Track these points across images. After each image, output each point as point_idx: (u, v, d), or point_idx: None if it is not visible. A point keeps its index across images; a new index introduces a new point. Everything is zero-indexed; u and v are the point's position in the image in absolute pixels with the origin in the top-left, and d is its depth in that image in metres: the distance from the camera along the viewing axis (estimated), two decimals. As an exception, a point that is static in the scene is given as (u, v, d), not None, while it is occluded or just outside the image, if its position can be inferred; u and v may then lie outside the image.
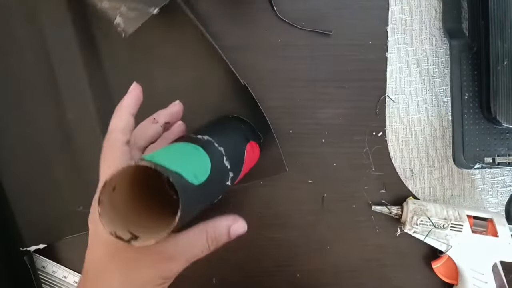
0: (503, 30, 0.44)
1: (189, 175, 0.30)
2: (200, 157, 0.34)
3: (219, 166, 0.36)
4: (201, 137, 0.38)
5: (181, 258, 0.33)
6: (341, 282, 0.52)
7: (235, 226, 0.35)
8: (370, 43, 0.50)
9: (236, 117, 0.49)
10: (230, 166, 0.38)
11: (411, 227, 0.48)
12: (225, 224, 0.34)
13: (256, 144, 0.47)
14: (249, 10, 0.50)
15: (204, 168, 0.33)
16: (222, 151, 0.37)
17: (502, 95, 0.44)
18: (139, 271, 0.32)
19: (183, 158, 0.32)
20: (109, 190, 0.29)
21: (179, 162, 0.31)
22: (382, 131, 0.51)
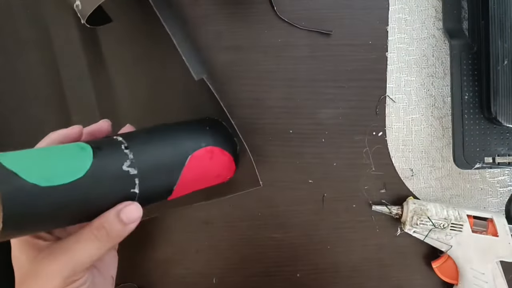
0: (503, 30, 0.44)
1: (33, 175, 0.28)
2: (74, 158, 0.31)
3: (110, 170, 0.33)
4: (114, 138, 0.36)
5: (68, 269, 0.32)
6: (341, 282, 0.52)
7: (125, 209, 0.33)
8: (370, 43, 0.50)
9: (209, 120, 0.47)
10: (138, 172, 0.35)
11: (411, 227, 0.48)
12: (112, 211, 0.33)
13: (223, 151, 0.44)
14: (249, 10, 0.50)
15: (72, 169, 0.31)
16: (128, 154, 0.35)
17: (502, 95, 0.44)
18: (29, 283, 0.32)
19: (41, 157, 0.30)
20: None
21: (27, 161, 0.29)
22: (382, 131, 0.51)
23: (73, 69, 0.50)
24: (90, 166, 0.31)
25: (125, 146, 0.35)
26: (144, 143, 0.37)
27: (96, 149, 0.33)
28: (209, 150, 0.42)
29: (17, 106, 0.51)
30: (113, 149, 0.34)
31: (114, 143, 0.35)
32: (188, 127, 0.43)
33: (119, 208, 0.33)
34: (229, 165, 0.45)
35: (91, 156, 0.32)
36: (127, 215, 0.33)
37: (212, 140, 0.43)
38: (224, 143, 0.44)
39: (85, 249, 0.32)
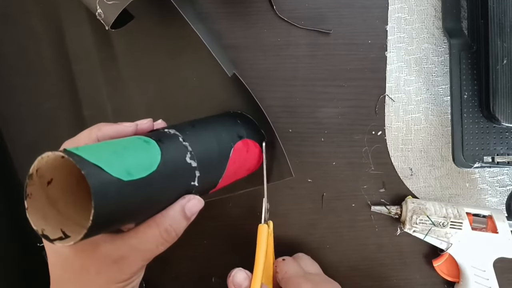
0: (502, 30, 0.44)
1: (116, 169, 0.27)
2: (146, 151, 0.31)
3: (176, 163, 0.33)
4: (167, 131, 0.35)
5: (133, 258, 0.31)
6: (341, 281, 0.52)
7: (189, 204, 0.33)
8: (369, 42, 0.50)
9: (236, 113, 0.48)
10: (198, 164, 0.35)
11: (410, 226, 0.48)
12: (178, 207, 0.32)
13: (254, 143, 0.44)
14: (249, 9, 0.50)
15: (147, 163, 0.30)
16: (187, 146, 0.34)
17: (501, 94, 0.44)
18: (89, 279, 0.31)
19: (117, 151, 0.29)
20: (41, 183, 0.27)
21: (107, 155, 0.28)
22: (381, 130, 0.51)
23: (85, 64, 0.50)
24: (160, 159, 0.31)
25: (182, 138, 0.35)
26: (194, 135, 0.36)
27: (159, 141, 0.32)
28: (245, 143, 0.42)
29: (29, 100, 0.51)
30: (173, 141, 0.34)
31: (171, 136, 0.35)
32: (223, 120, 0.44)
33: (183, 203, 0.32)
34: (259, 157, 0.45)
35: (158, 149, 0.32)
36: (191, 210, 0.33)
37: (246, 132, 0.43)
38: (255, 136, 0.45)
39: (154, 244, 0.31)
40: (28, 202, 0.27)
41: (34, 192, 0.27)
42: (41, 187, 0.28)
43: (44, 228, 0.27)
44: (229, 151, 0.40)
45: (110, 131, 0.34)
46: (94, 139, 0.33)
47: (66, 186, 0.28)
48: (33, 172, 0.27)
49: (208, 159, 0.37)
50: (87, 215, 0.25)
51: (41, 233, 0.27)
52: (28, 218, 0.27)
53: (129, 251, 0.31)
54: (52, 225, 0.27)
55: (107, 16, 0.40)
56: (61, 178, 0.28)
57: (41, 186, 0.28)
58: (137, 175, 0.28)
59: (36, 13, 0.50)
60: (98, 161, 0.26)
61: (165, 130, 0.36)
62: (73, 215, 0.29)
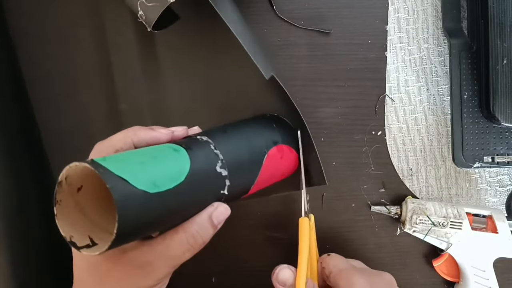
0: (502, 30, 0.44)
1: (142, 182, 0.27)
2: (175, 161, 0.31)
3: (206, 172, 0.33)
4: (199, 138, 0.35)
5: (159, 264, 0.31)
6: (341, 281, 0.52)
7: (216, 212, 0.32)
8: (369, 42, 0.50)
9: (272, 116, 0.46)
10: (228, 173, 0.34)
11: (410, 226, 0.48)
12: (205, 215, 0.32)
13: (290, 148, 0.43)
14: (249, 9, 0.50)
15: (175, 173, 0.30)
16: (218, 154, 0.34)
17: (501, 94, 0.44)
18: (113, 283, 0.30)
19: (144, 161, 0.29)
20: (70, 190, 0.27)
21: (133, 166, 0.28)
22: (381, 130, 0.51)
23: (124, 56, 0.50)
24: (189, 169, 0.31)
25: (214, 146, 0.34)
26: (226, 142, 0.36)
27: (189, 150, 0.32)
28: (279, 149, 0.41)
29: (66, 91, 0.51)
30: (204, 150, 0.33)
31: (202, 143, 0.34)
32: (257, 125, 0.43)
33: (210, 211, 0.32)
34: (295, 162, 0.44)
35: (188, 158, 0.31)
36: (218, 219, 0.33)
37: (281, 138, 0.42)
38: (291, 141, 0.44)
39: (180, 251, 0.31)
40: (58, 209, 0.27)
41: (63, 198, 0.27)
42: (71, 194, 0.28)
43: (73, 235, 0.27)
44: (262, 157, 0.39)
45: (146, 137, 0.33)
46: (129, 144, 0.33)
47: (95, 193, 0.28)
48: (62, 179, 0.27)
49: (240, 166, 0.36)
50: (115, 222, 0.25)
51: (69, 240, 0.27)
52: (57, 224, 0.27)
53: (155, 257, 0.30)
54: (80, 231, 0.27)
55: (148, 18, 0.40)
56: (91, 185, 0.28)
57: (71, 192, 0.28)
58: (164, 186, 0.28)
59: (81, 5, 0.50)
60: (123, 173, 0.26)
61: (197, 137, 0.35)
62: (102, 221, 0.29)
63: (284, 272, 0.37)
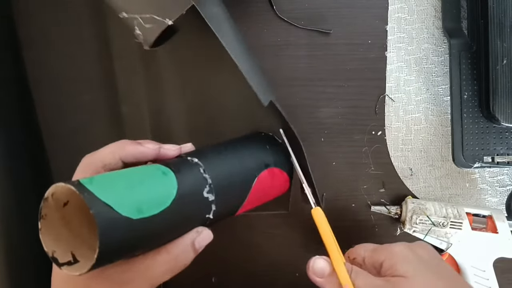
0: (502, 30, 0.44)
1: (127, 208, 0.27)
2: (162, 186, 0.30)
3: (192, 197, 0.33)
4: (189, 160, 0.35)
5: (138, 283, 0.31)
6: (341, 281, 0.52)
7: (199, 238, 0.33)
8: (369, 42, 0.50)
9: (267, 137, 0.46)
10: (215, 197, 0.34)
11: (410, 226, 0.48)
12: (188, 241, 0.32)
13: (281, 171, 0.43)
14: (249, 9, 0.50)
15: (161, 198, 0.30)
16: (207, 179, 0.34)
17: (501, 94, 0.44)
18: None
19: (131, 186, 0.29)
20: (56, 205, 0.27)
21: (119, 190, 0.28)
22: (381, 130, 0.51)
23: (126, 62, 0.50)
24: (176, 194, 0.31)
25: (203, 169, 0.34)
26: (216, 165, 0.36)
27: (177, 173, 0.32)
28: (271, 172, 0.41)
29: (68, 92, 0.51)
30: (193, 173, 0.33)
31: (192, 165, 0.34)
32: (251, 146, 0.42)
33: (193, 237, 0.33)
34: (285, 184, 0.44)
35: (175, 183, 0.31)
36: (200, 244, 0.33)
37: (273, 160, 0.42)
38: (283, 164, 0.43)
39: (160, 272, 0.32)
40: (42, 223, 0.27)
41: (48, 213, 0.27)
42: (56, 208, 0.28)
43: (55, 250, 0.27)
44: (252, 181, 0.39)
45: (134, 151, 0.34)
46: (117, 159, 0.33)
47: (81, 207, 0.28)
48: (49, 196, 0.27)
49: (228, 190, 0.36)
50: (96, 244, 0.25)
51: (51, 255, 0.27)
52: (41, 239, 0.27)
53: (136, 275, 0.31)
54: (63, 247, 0.27)
55: (145, 38, 0.39)
56: (76, 201, 0.28)
57: (56, 207, 0.28)
58: (149, 212, 0.28)
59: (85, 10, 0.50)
60: (108, 198, 0.26)
61: (188, 158, 0.35)
62: (86, 234, 0.29)
63: (319, 262, 0.37)
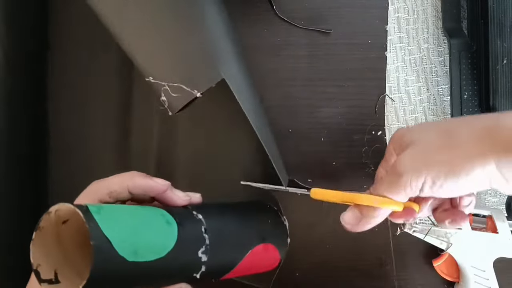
0: (502, 30, 0.44)
1: (125, 249, 0.27)
2: (163, 235, 0.30)
3: (187, 254, 0.32)
4: (194, 214, 0.35)
5: None
6: (341, 281, 0.52)
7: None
8: (369, 42, 0.50)
9: (271, 210, 0.45)
10: (208, 259, 0.33)
11: (410, 226, 0.48)
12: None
13: (275, 248, 0.42)
14: (249, 9, 0.50)
15: (159, 247, 0.30)
16: (206, 239, 0.33)
17: (501, 94, 0.44)
18: None
19: (135, 227, 0.29)
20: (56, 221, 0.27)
21: (123, 229, 0.28)
22: (381, 130, 0.51)
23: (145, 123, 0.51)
24: (173, 247, 0.30)
25: (205, 228, 0.34)
26: (218, 227, 0.36)
27: (180, 225, 0.32)
28: (266, 247, 0.41)
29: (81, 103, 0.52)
30: (194, 230, 0.33)
31: (195, 222, 0.34)
32: (255, 216, 0.42)
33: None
34: (274, 262, 0.44)
35: (176, 235, 0.31)
36: None
37: (271, 237, 0.42)
38: (279, 243, 0.43)
39: None
40: (37, 234, 0.27)
41: (46, 226, 0.27)
42: (55, 224, 0.28)
43: (40, 264, 0.27)
44: (246, 251, 0.38)
45: (143, 184, 0.34)
46: (124, 188, 0.33)
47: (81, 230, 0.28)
48: (52, 211, 0.27)
49: (222, 255, 0.36)
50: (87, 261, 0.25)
51: (35, 268, 0.27)
52: (31, 249, 0.27)
53: None
54: (49, 263, 0.27)
55: (170, 105, 0.38)
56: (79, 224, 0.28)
57: (56, 223, 0.28)
58: (143, 258, 0.28)
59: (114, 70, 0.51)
60: (111, 234, 0.26)
61: (193, 212, 0.35)
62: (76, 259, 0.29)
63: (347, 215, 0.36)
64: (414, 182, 0.31)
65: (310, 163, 0.51)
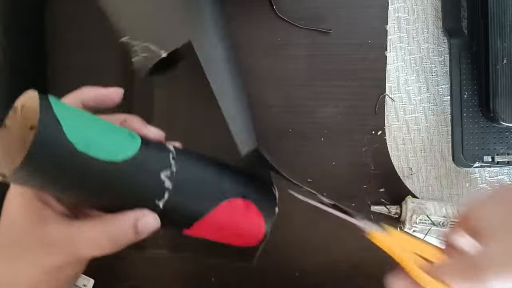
0: (502, 29, 0.44)
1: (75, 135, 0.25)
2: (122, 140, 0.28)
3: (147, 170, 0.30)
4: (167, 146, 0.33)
5: (66, 248, 0.29)
6: (341, 281, 0.52)
7: (143, 220, 0.29)
8: (369, 42, 0.50)
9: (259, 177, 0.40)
10: (173, 188, 0.31)
11: (410, 226, 0.48)
12: (130, 219, 0.29)
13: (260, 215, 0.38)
14: (249, 9, 0.50)
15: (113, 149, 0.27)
16: (172, 166, 0.31)
17: (501, 94, 0.44)
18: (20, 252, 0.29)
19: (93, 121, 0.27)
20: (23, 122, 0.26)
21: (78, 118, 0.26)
22: (381, 130, 0.51)
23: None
24: (131, 156, 0.28)
25: (173, 157, 0.32)
26: (190, 163, 0.33)
27: (145, 144, 0.30)
28: (246, 205, 0.37)
29: None
30: (161, 153, 0.31)
31: (164, 149, 0.32)
32: (237, 171, 0.38)
33: (137, 216, 0.29)
34: (258, 231, 0.38)
35: (137, 148, 0.29)
36: (143, 227, 0.29)
37: (254, 196, 0.37)
38: (265, 207, 0.38)
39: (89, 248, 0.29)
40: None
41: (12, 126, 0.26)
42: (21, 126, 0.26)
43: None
44: (220, 200, 0.34)
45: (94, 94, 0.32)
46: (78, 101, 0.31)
47: None
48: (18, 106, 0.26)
49: (189, 192, 0.33)
50: None
51: None
52: None
53: (65, 239, 0.29)
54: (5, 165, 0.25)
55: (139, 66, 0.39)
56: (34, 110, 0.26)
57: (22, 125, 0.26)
58: (95, 153, 0.26)
59: None
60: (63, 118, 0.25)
61: (165, 145, 0.33)
62: None
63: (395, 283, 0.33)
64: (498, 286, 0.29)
65: (310, 163, 0.51)
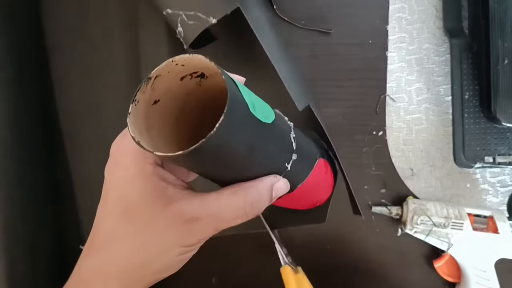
0: (503, 30, 0.44)
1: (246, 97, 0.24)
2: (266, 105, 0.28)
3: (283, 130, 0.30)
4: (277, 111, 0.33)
5: (207, 222, 0.27)
6: (341, 282, 0.52)
7: (278, 184, 0.29)
8: (370, 42, 0.50)
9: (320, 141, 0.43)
10: (295, 148, 0.31)
11: (411, 227, 0.47)
12: (268, 184, 0.28)
13: (331, 172, 0.41)
14: (249, 9, 0.50)
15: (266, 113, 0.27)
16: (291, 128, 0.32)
17: (502, 94, 0.44)
18: (152, 237, 0.27)
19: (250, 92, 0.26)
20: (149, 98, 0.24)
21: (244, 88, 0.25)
22: (382, 130, 0.51)
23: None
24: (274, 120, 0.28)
25: (289, 120, 0.32)
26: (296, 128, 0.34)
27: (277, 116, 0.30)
28: (326, 165, 0.39)
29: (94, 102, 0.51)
30: (284, 118, 0.32)
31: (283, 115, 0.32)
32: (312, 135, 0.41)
33: (273, 181, 0.29)
34: (331, 187, 0.42)
35: (274, 113, 0.29)
36: (277, 191, 0.29)
37: (326, 154, 0.40)
38: (333, 165, 0.42)
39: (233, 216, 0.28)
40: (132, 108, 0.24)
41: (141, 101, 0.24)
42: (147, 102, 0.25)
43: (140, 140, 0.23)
44: (315, 160, 0.36)
45: None
46: None
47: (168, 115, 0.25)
48: (153, 76, 0.24)
49: (302, 152, 0.33)
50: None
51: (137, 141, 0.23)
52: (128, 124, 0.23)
53: (206, 214, 0.27)
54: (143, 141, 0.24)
55: (186, 36, 0.39)
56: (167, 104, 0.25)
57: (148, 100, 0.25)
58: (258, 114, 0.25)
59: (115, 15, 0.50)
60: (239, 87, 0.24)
61: None
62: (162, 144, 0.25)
63: None
64: None
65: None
